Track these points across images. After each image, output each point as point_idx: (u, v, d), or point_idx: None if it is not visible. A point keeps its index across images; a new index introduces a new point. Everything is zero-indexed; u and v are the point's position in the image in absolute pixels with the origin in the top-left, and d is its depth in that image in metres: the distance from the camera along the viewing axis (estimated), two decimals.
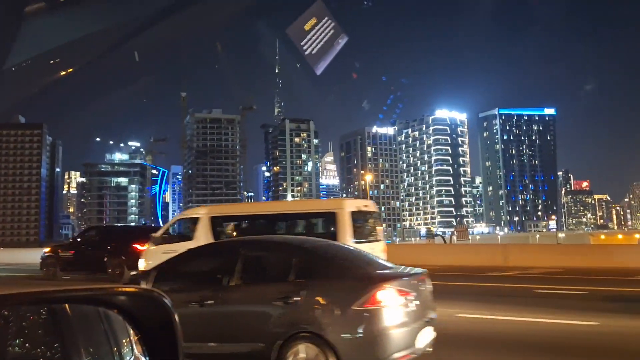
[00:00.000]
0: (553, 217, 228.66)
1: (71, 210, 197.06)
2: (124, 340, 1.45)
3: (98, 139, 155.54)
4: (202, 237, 11.78)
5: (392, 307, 4.58)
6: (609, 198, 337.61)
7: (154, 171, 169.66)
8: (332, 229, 11.36)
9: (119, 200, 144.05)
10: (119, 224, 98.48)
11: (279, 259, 5.53)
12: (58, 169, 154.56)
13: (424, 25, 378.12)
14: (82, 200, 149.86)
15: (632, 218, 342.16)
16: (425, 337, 4.90)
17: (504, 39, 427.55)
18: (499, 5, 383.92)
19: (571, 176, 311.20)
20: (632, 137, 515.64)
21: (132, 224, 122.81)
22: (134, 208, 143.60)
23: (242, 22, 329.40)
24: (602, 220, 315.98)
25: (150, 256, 11.83)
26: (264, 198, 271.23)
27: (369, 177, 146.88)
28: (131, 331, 1.46)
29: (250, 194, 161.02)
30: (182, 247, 8.45)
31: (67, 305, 1.39)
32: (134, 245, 14.56)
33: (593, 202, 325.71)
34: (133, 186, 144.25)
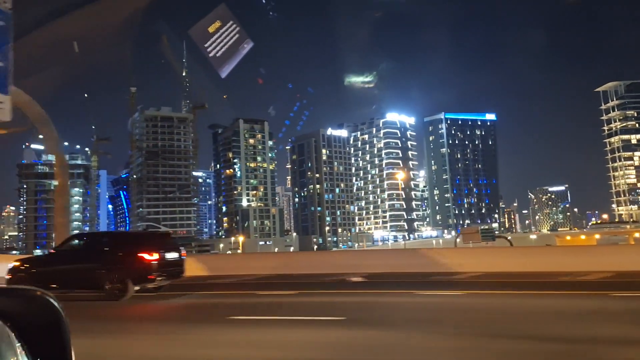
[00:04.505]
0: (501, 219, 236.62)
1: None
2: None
3: (41, 136, 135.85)
4: None
5: None
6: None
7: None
8: None
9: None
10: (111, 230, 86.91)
11: None
12: None
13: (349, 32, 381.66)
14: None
15: (524, 220, 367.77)
16: None
17: (440, 44, 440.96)
18: (440, 14, 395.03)
19: None
20: (520, 145, 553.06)
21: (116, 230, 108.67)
22: (77, 214, 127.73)
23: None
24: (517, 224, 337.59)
25: None
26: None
27: (401, 176, 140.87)
28: (12, 337, 1.26)
29: None
30: None
31: None
32: (139, 255, 12.81)
33: (502, 206, 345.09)
34: (76, 189, 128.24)
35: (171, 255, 13.45)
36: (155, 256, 12.78)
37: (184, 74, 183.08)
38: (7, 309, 1.24)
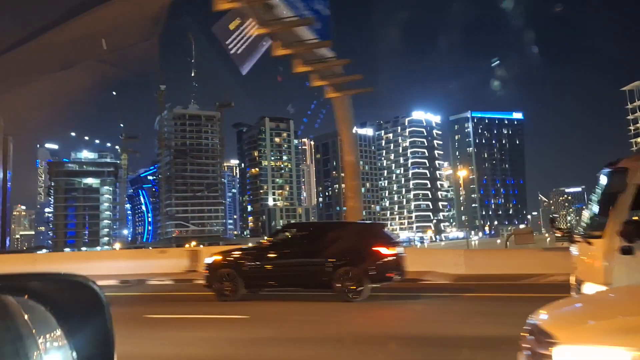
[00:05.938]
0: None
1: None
2: (39, 336, 1.21)
3: (73, 134, 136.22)
4: None
5: None
6: None
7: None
8: None
9: (85, 203, 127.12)
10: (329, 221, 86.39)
11: None
12: (9, 171, 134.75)
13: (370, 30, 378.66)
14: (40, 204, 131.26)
15: (535, 222, 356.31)
16: None
17: (459, 44, 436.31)
18: (465, 12, 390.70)
19: None
20: (535, 145, 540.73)
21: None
22: (107, 212, 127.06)
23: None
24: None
25: None
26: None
27: (463, 173, 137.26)
28: (52, 321, 1.25)
29: None
30: None
31: None
32: (375, 249, 11.42)
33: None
34: (106, 188, 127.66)
35: (399, 250, 11.94)
36: (393, 251, 11.50)
37: (192, 74, 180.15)
38: (48, 294, 1.24)
